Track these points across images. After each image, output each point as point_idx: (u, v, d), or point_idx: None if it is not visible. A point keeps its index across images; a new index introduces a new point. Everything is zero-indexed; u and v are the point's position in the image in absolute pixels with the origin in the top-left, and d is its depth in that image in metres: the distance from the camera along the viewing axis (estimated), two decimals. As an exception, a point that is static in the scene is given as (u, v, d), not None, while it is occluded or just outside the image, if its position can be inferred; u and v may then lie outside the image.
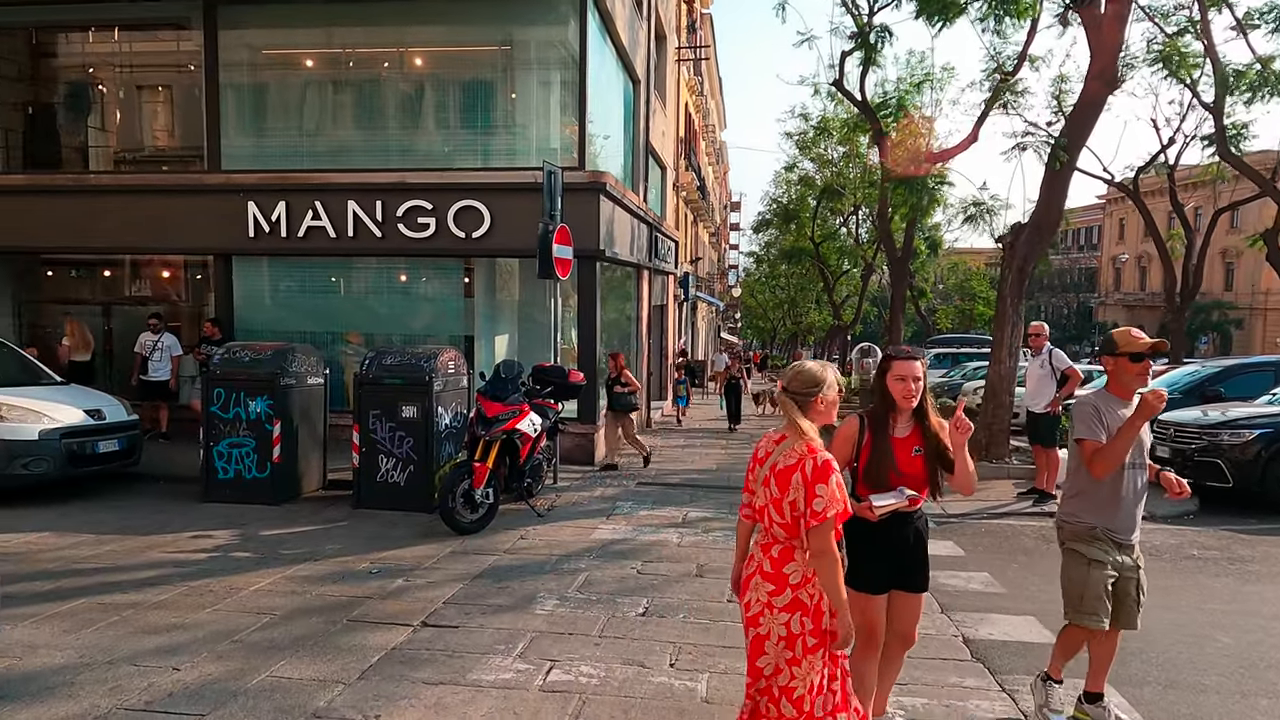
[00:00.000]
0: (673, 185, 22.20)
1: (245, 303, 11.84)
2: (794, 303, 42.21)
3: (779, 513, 2.79)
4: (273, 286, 12.03)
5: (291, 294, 12.03)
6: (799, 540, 2.78)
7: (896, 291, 18.41)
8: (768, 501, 2.83)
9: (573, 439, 11.05)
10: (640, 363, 15.93)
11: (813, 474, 2.69)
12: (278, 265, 11.93)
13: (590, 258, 10.82)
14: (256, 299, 11.94)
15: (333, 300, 12.06)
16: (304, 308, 12.01)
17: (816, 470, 2.70)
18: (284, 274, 12.01)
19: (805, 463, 2.72)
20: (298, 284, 12.03)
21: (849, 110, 27.78)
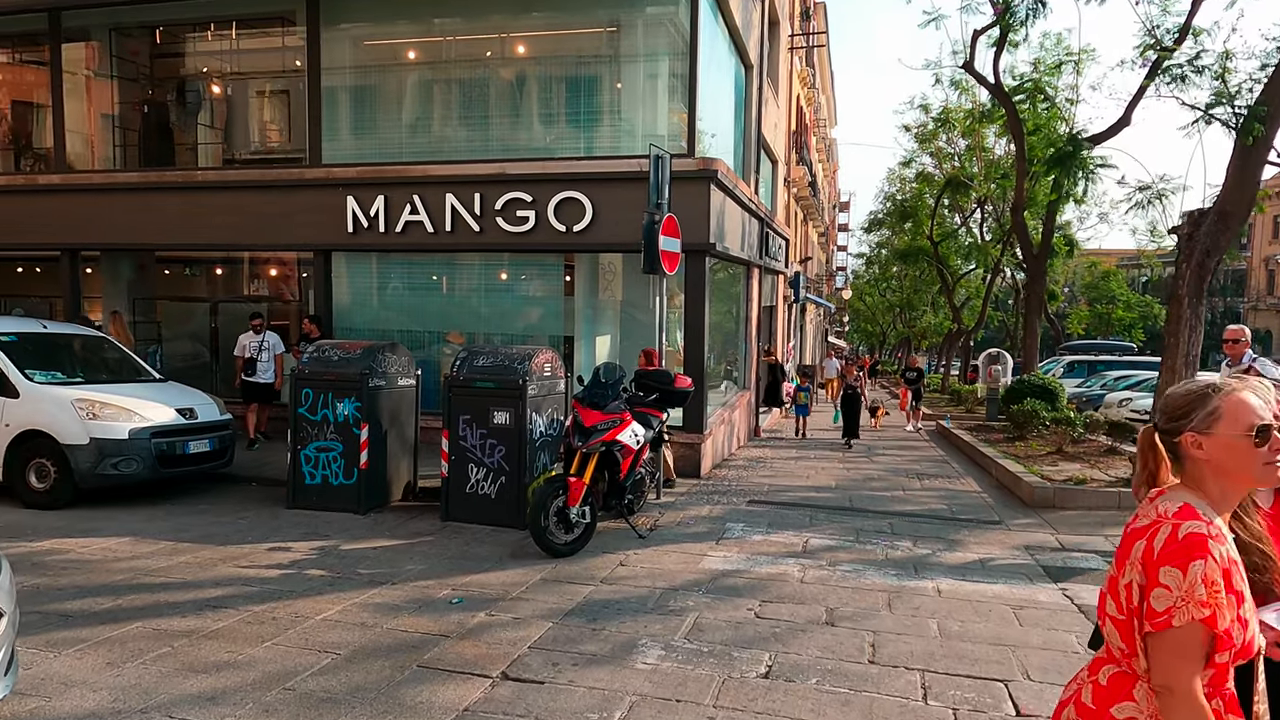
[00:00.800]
0: (783, 180, 21.06)
1: (344, 300, 11.57)
2: (910, 305, 40.01)
3: (1115, 602, 1.74)
4: (371, 284, 11.71)
5: (390, 292, 11.69)
6: (1138, 660, 1.70)
7: (1033, 292, 16.68)
8: (1106, 585, 1.80)
9: (677, 449, 10.19)
10: (749, 367, 14.93)
11: (1163, 549, 1.64)
12: (377, 262, 11.60)
13: (699, 252, 9.94)
14: (356, 297, 11.65)
15: (432, 298, 11.63)
16: (403, 306, 11.64)
17: (1171, 545, 1.63)
18: (383, 271, 11.67)
19: (1159, 529, 1.67)
20: (397, 281, 11.68)
21: (973, 99, 25.95)
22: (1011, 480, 10.04)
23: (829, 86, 41.16)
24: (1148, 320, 31.73)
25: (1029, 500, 9.11)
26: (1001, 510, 8.77)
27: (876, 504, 8.91)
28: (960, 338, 32.89)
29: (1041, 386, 15.62)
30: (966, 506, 8.93)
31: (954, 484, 10.47)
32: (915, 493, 9.72)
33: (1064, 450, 12.46)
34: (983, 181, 23.46)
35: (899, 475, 11.07)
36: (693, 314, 10.10)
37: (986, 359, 20.14)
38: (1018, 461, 11.21)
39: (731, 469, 11.07)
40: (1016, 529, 7.88)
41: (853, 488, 9.92)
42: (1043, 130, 18.44)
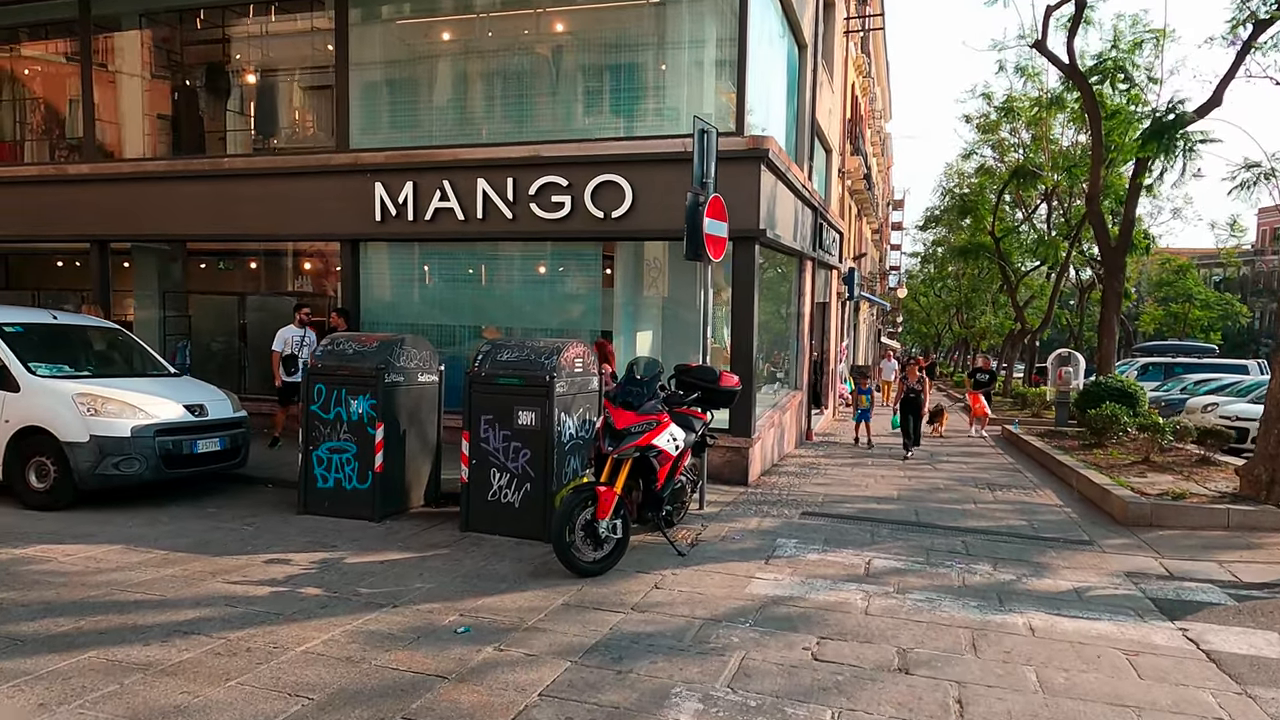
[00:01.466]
0: (838, 171, 20.04)
1: (373, 293, 11.01)
2: (969, 304, 38.39)
3: None
4: (401, 276, 11.13)
5: (421, 284, 11.10)
6: None
7: (1110, 288, 15.42)
8: None
9: (723, 454, 9.37)
10: (801, 367, 14.02)
11: None
12: (406, 252, 11.02)
13: (748, 239, 9.11)
14: (385, 289, 11.09)
15: (463, 291, 11.00)
16: (434, 299, 11.04)
17: None
18: (413, 262, 11.08)
19: None
20: (427, 273, 11.08)
21: (1039, 85, 24.57)
22: (1098, 493, 8.99)
23: (884, 77, 39.77)
24: (1228, 320, 29.76)
25: (1120, 517, 8.07)
26: (1089, 528, 7.76)
27: (946, 518, 7.97)
28: (1024, 338, 31.33)
29: (1121, 389, 14.39)
30: (1049, 523, 7.93)
31: (1030, 496, 9.44)
32: (988, 506, 8.74)
33: (1150, 460, 11.30)
34: (1051, 171, 22.06)
35: (967, 485, 10.07)
36: (741, 307, 9.27)
37: (1056, 360, 18.81)
38: (1101, 472, 10.13)
39: (782, 475, 10.20)
40: (1111, 551, 6.88)
41: (917, 499, 8.98)
42: (1121, 115, 17.16)
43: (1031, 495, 9.52)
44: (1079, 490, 9.82)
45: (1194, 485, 9.56)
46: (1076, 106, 22.13)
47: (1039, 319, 31.76)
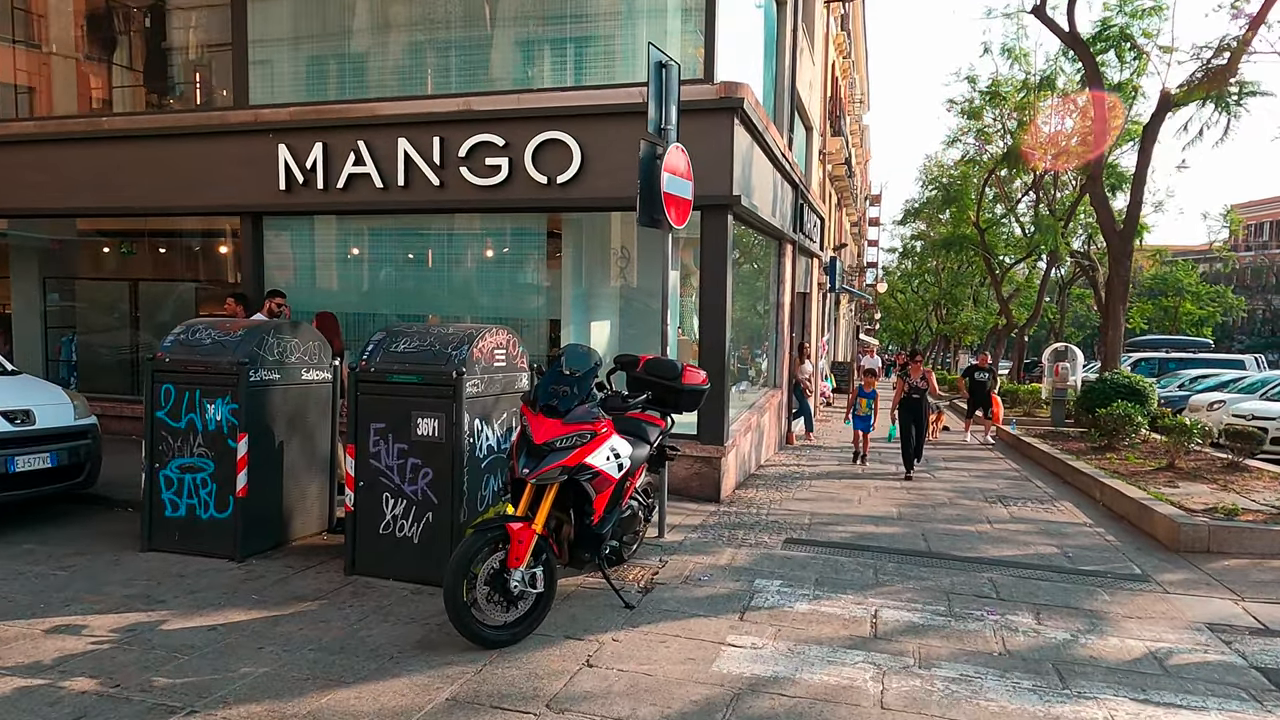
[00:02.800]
0: (818, 153, 18.63)
1: (279, 276, 9.35)
2: (952, 299, 37.21)
3: None
4: (313, 256, 9.50)
5: (337, 266, 9.48)
6: None
7: (1116, 275, 14.13)
8: None
9: (690, 466, 7.87)
10: (781, 362, 12.54)
11: None
12: (318, 228, 9.37)
13: (719, 207, 7.61)
14: (292, 272, 9.44)
15: (385, 274, 9.39)
16: (353, 284, 9.43)
17: None
18: (325, 239, 9.45)
19: None
20: (342, 252, 9.46)
21: (1026, 67, 23.33)
22: (1133, 510, 7.58)
23: (863, 65, 38.53)
24: (1219, 314, 28.80)
25: (1169, 541, 6.66)
26: (1135, 555, 6.34)
27: (960, 545, 6.51)
28: (1009, 333, 30.15)
29: (1130, 386, 13.09)
30: (1084, 550, 6.50)
31: (1050, 512, 8.03)
32: (1005, 526, 7.30)
33: (1176, 466, 9.96)
34: (1046, 152, 20.79)
35: (974, 498, 8.64)
36: (711, 289, 7.76)
37: (1052, 355, 17.57)
38: (1127, 481, 8.76)
39: (760, 488, 8.71)
40: (1175, 591, 5.45)
41: (921, 517, 7.52)
42: (1126, 88, 15.91)
43: (1051, 510, 8.11)
44: (1105, 504, 8.43)
45: (1237, 497, 8.20)
46: (1072, 81, 20.97)
47: (1023, 314, 30.68)
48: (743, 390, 11.67)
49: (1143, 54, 14.46)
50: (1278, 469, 10.28)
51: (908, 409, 10.06)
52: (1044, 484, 9.81)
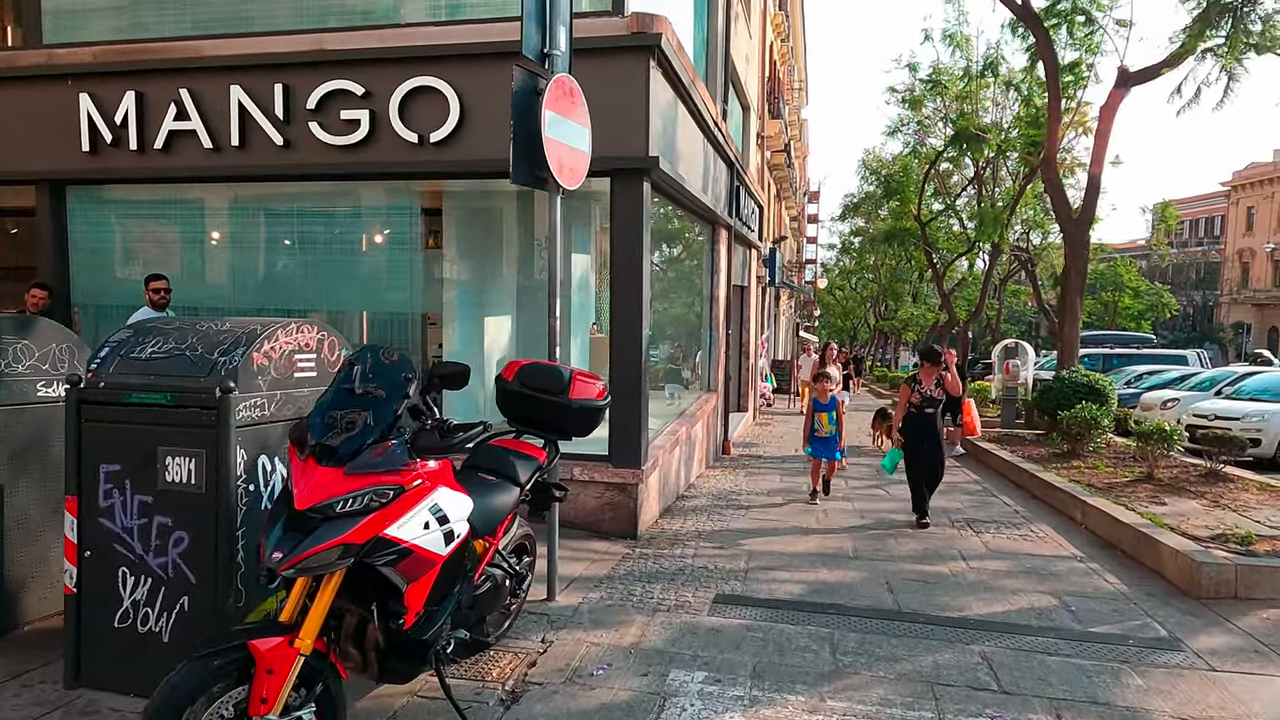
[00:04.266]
0: (757, 136, 17.31)
1: (89, 261, 7.49)
2: (894, 294, 36.56)
3: None
4: (132, 236, 7.66)
5: (155, 248, 7.63)
6: None
7: (1073, 266, 13.12)
8: None
9: (599, 494, 6.34)
10: (717, 362, 11.12)
11: None
12: (139, 201, 7.52)
13: (632, 171, 6.09)
14: (105, 255, 7.59)
15: (219, 258, 7.57)
16: (186, 271, 7.61)
17: None
18: (142, 214, 7.59)
19: None
20: (165, 231, 7.62)
21: (967, 54, 22.51)
22: (1129, 538, 6.33)
23: (802, 57, 37.59)
24: (1156, 310, 28.61)
25: (1185, 584, 5.40)
26: (1150, 606, 5.04)
27: (937, 597, 5.12)
28: (949, 330, 29.47)
29: (1089, 385, 12.07)
30: (1087, 600, 5.18)
31: (1030, 540, 6.75)
32: (984, 563, 5.96)
33: (1155, 477, 8.86)
34: (997, 134, 19.89)
35: (940, 523, 7.31)
36: (625, 273, 6.23)
37: (1003, 352, 16.60)
38: (1110, 499, 7.57)
39: (689, 516, 7.23)
40: (1221, 666, 4.14)
41: (882, 553, 6.13)
42: (1078, 68, 14.97)
43: (1030, 538, 6.82)
44: (1090, 529, 7.20)
45: (1237, 517, 7.07)
46: (1014, 72, 20.13)
47: (964, 310, 30.07)
48: (673, 397, 10.22)
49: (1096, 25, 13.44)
50: (1259, 477, 9.29)
51: (921, 430, 7.19)
52: (1011, 500, 8.57)
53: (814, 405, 8.35)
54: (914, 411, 7.22)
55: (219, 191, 7.26)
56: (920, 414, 7.20)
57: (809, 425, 8.32)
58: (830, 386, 8.36)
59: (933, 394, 7.18)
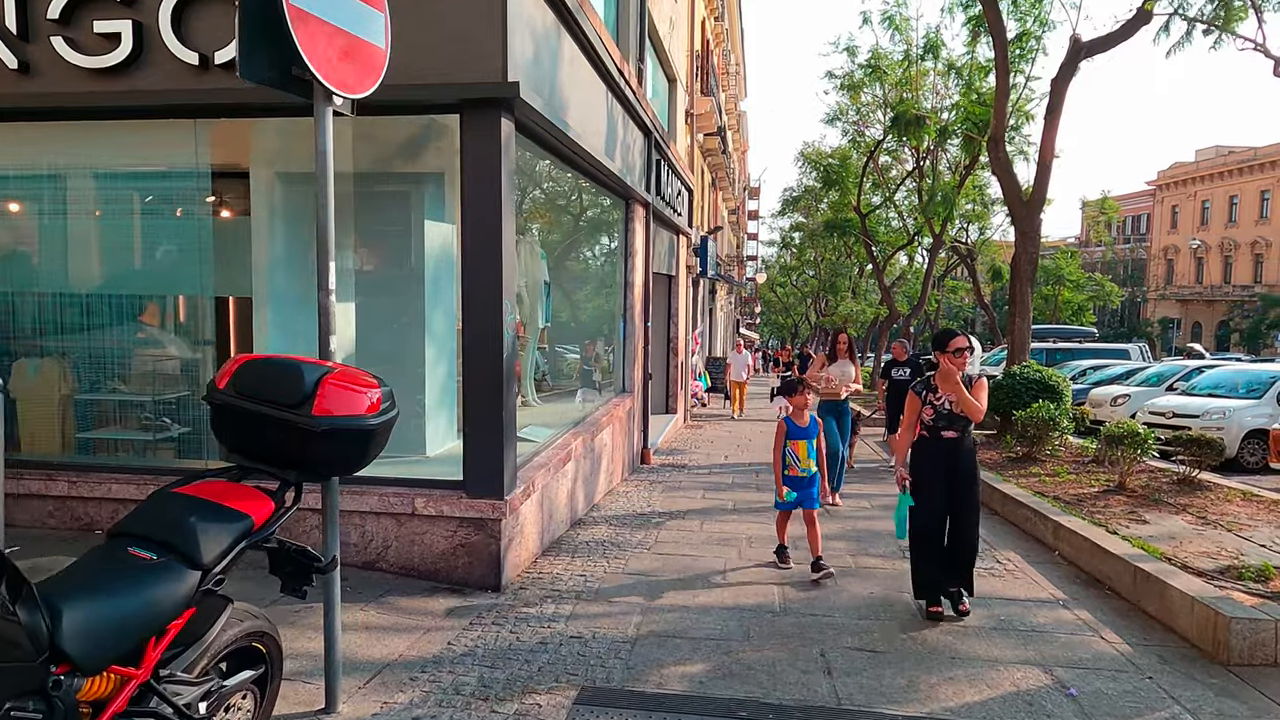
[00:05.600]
0: (685, 113, 15.91)
1: None
2: (833, 289, 35.71)
3: None
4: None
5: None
6: None
7: (1024, 253, 12.05)
8: None
9: (450, 532, 4.81)
10: (632, 360, 9.66)
11: None
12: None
13: (485, 104, 4.56)
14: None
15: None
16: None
17: None
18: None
19: None
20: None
21: (906, 38, 21.54)
22: (1125, 577, 5.04)
23: (739, 46, 36.44)
24: (1098, 301, 28.22)
25: (1208, 644, 4.11)
26: (1171, 683, 3.74)
27: (890, 677, 3.72)
28: (891, 325, 28.64)
29: (1042, 382, 10.97)
30: (1088, 675, 3.84)
31: (1000, 577, 5.44)
32: (949, 623, 4.60)
33: (1127, 486, 7.74)
34: (937, 119, 18.90)
35: (889, 555, 5.97)
36: (478, 237, 4.69)
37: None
38: (1088, 519, 6.38)
39: (579, 554, 5.73)
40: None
41: (819, 609, 4.71)
42: (1027, 39, 13.96)
43: (1000, 574, 5.52)
44: (1068, 557, 5.94)
45: (1237, 540, 5.93)
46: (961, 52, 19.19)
47: (906, 305, 29.34)
48: (584, 401, 8.75)
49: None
50: (1235, 483, 8.26)
51: (938, 464, 4.67)
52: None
53: (786, 427, 5.53)
54: (926, 436, 4.70)
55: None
56: (937, 439, 4.66)
57: (780, 459, 5.55)
58: (806, 401, 5.72)
59: (948, 407, 4.58)
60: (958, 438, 4.64)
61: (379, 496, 4.83)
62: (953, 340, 4.60)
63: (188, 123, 5.05)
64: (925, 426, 4.69)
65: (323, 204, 3.10)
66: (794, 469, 5.51)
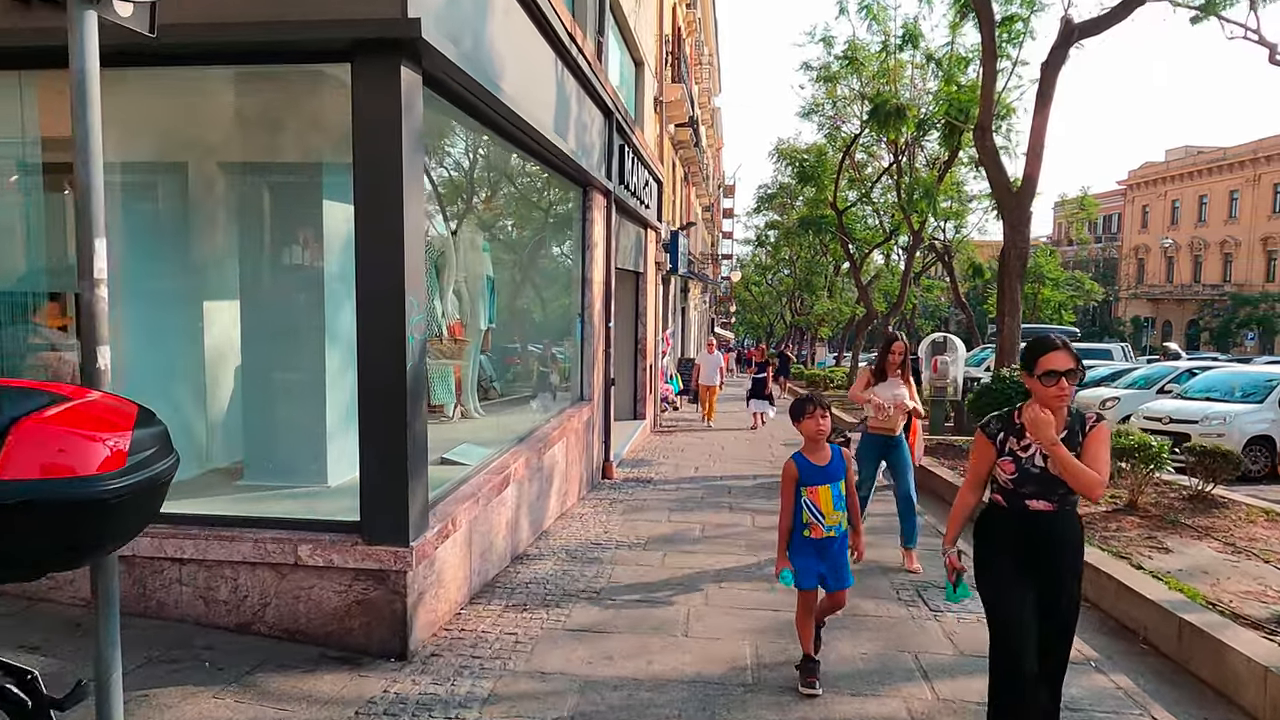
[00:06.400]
0: (654, 100, 14.99)
1: None
2: (808, 286, 35.03)
3: None
4: None
5: None
6: None
7: (1014, 246, 11.27)
8: None
9: (343, 588, 3.85)
10: (593, 364, 8.73)
11: None
12: None
13: (381, 46, 3.60)
14: None
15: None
16: None
17: None
18: None
19: None
20: None
21: (884, 28, 20.81)
22: (1165, 629, 4.21)
23: (712, 37, 35.63)
24: (1077, 299, 27.77)
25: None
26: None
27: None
28: (868, 324, 27.95)
29: (1033, 387, 10.14)
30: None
31: (1013, 624, 4.59)
32: (959, 685, 3.73)
33: (1138, 504, 6.98)
34: (916, 110, 18.16)
35: (880, 594, 5.10)
36: (372, 214, 3.73)
37: (931, 347, 14.76)
38: (1098, 544, 5.60)
39: (512, 603, 4.78)
40: None
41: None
42: (1015, 22, 13.23)
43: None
44: (1087, 598, 5.12)
45: (1272, 570, 5.17)
46: (940, 43, 18.50)
47: (883, 304, 28.68)
48: (544, 410, 7.81)
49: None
50: (1253, 499, 7.52)
51: (1021, 548, 2.95)
52: (966, 543, 6.45)
53: (798, 470, 3.72)
54: (1002, 505, 2.98)
55: None
56: (1019, 511, 2.93)
57: (789, 515, 3.75)
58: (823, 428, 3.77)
59: (1041, 465, 2.85)
60: (1053, 512, 2.88)
61: (254, 542, 3.86)
62: (1046, 357, 2.80)
63: (14, 75, 4.04)
64: (1000, 489, 2.97)
65: (83, 160, 2.14)
66: (816, 527, 3.66)
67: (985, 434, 2.99)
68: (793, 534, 3.75)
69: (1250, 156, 46.72)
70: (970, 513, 3.13)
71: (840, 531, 3.72)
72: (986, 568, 3.00)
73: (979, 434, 3.04)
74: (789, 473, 3.76)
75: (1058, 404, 2.79)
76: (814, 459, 3.75)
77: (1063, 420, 2.83)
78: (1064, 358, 2.79)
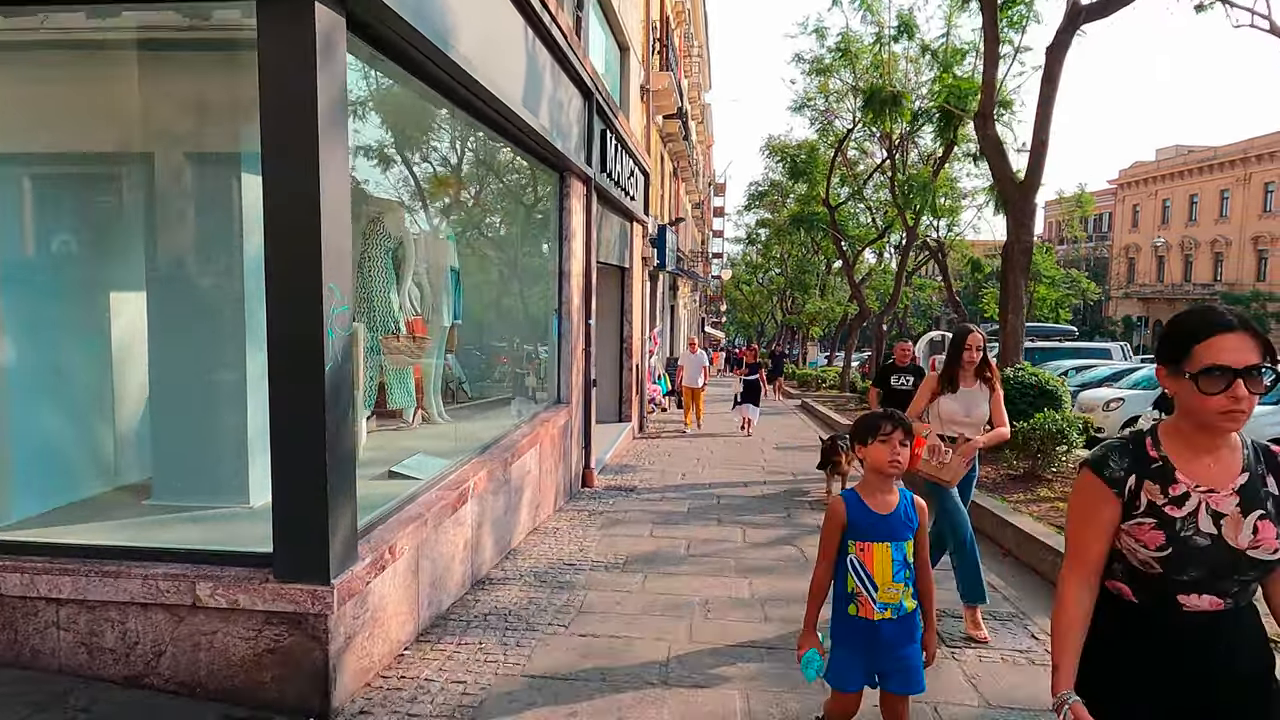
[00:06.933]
0: (640, 88, 14.36)
1: None
2: (801, 285, 34.48)
3: None
4: None
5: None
6: None
7: (1018, 240, 10.70)
8: None
9: (252, 635, 3.19)
10: (571, 364, 8.08)
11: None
12: None
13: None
14: None
15: None
16: None
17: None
18: None
19: None
20: None
21: (878, 19, 20.27)
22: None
23: (703, 28, 35.01)
24: (1073, 298, 27.31)
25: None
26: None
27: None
28: (861, 323, 27.43)
29: (1041, 387, 9.70)
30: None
31: (1043, 665, 3.98)
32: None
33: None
34: (912, 100, 17.60)
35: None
36: (279, 179, 3.09)
37: (928, 346, 14.20)
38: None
39: (466, 641, 4.13)
40: None
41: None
42: (1018, 5, 12.67)
43: (1041, 658, 4.06)
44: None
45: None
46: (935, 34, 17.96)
47: (876, 302, 28.16)
48: (520, 415, 7.17)
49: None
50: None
51: (1187, 680, 1.68)
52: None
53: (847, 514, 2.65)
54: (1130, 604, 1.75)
55: None
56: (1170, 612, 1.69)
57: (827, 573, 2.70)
58: (905, 460, 2.62)
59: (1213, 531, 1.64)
60: (1225, 612, 1.68)
61: (143, 579, 3.21)
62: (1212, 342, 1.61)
63: None
64: (1131, 573, 1.74)
65: None
66: (865, 603, 2.62)
67: (1103, 477, 1.72)
68: (842, 619, 2.67)
69: (1241, 156, 46.48)
70: (1086, 622, 1.74)
71: (901, 612, 2.61)
72: (1106, 697, 1.70)
73: (1088, 476, 1.76)
74: (834, 515, 2.65)
75: (1227, 425, 1.62)
76: (873, 503, 2.63)
77: (1239, 458, 1.66)
78: (1244, 342, 1.59)
